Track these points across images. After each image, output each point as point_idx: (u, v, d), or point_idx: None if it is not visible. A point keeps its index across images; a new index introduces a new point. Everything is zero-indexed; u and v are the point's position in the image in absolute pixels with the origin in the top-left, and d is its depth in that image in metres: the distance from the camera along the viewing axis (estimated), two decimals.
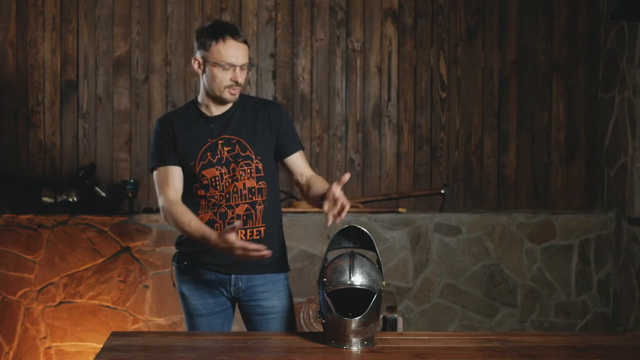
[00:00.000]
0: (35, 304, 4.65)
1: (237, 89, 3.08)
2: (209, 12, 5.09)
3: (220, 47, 3.03)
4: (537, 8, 5.25)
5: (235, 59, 3.04)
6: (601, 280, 5.02)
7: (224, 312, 3.21)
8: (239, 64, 3.05)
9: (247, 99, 3.23)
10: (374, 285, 2.73)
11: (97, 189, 4.87)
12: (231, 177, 3.09)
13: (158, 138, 3.14)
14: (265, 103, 3.27)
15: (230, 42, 3.03)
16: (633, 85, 4.79)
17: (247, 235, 3.10)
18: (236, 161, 3.09)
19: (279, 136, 3.17)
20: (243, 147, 3.10)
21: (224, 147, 3.10)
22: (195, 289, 3.18)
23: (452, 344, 2.83)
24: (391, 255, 4.86)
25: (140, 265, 4.69)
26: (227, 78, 3.05)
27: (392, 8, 5.19)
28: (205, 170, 3.09)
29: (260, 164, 3.12)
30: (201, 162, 3.09)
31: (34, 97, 5.05)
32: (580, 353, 2.72)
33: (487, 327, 4.92)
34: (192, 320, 3.21)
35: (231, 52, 3.03)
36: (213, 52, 3.04)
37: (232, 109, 3.15)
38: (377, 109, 5.20)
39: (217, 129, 3.12)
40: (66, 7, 5.04)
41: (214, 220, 3.10)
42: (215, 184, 3.09)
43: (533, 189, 5.28)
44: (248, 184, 3.10)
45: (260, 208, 3.12)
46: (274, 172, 3.19)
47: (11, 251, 4.63)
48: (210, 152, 3.09)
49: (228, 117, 3.14)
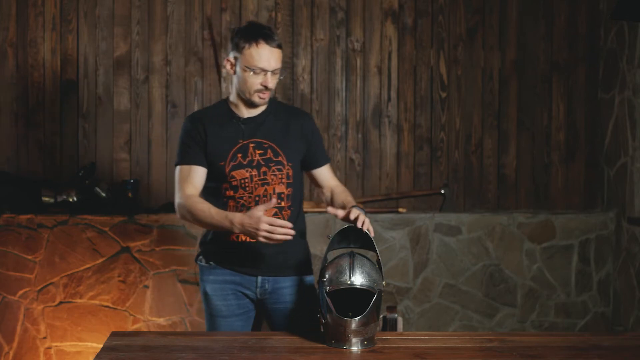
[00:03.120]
0: (35, 304, 4.65)
1: (267, 93, 3.08)
2: (209, 12, 5.09)
3: (253, 51, 3.02)
4: (537, 8, 5.25)
5: (267, 63, 3.03)
6: (601, 280, 5.02)
7: (246, 315, 3.20)
8: (271, 69, 3.04)
9: (278, 104, 3.24)
10: (374, 285, 2.73)
11: (97, 189, 4.87)
12: (261, 180, 3.09)
13: (187, 136, 3.13)
14: (298, 112, 3.29)
15: (263, 46, 3.02)
16: (633, 85, 4.79)
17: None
18: (268, 165, 3.09)
19: (310, 147, 3.20)
20: (275, 152, 3.11)
21: (255, 150, 3.10)
22: (219, 289, 3.17)
23: (452, 344, 2.83)
24: (391, 255, 4.87)
25: (140, 265, 4.69)
26: (257, 82, 3.05)
27: (392, 8, 5.19)
28: (235, 172, 3.09)
29: (291, 170, 3.13)
30: (231, 162, 3.09)
31: (34, 97, 5.05)
32: (580, 353, 2.72)
33: (487, 327, 4.92)
34: (212, 320, 3.20)
35: (263, 57, 3.02)
36: (245, 56, 3.03)
37: (264, 113, 3.15)
38: (377, 109, 5.20)
39: (248, 130, 3.11)
40: (66, 7, 5.04)
41: None
42: (245, 186, 3.09)
43: (533, 189, 5.28)
44: (278, 189, 3.11)
45: (286, 213, 3.13)
46: (300, 179, 3.21)
47: (11, 251, 4.63)
48: (240, 153, 3.09)
49: (260, 120, 3.14)
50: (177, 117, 5.09)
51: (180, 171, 3.12)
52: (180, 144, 3.15)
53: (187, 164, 3.11)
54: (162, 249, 4.70)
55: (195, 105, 5.09)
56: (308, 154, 3.21)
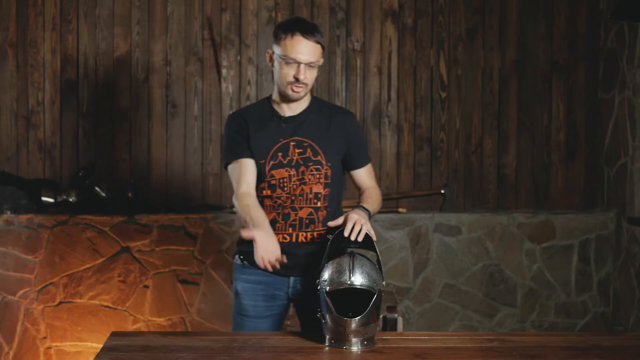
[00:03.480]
0: (35, 304, 4.65)
1: (301, 87, 3.04)
2: (209, 12, 5.09)
3: (288, 41, 3.01)
4: (537, 8, 5.25)
5: (300, 55, 3.00)
6: (601, 280, 5.02)
7: (272, 318, 3.18)
8: (304, 61, 3.01)
9: (321, 102, 3.22)
10: (374, 285, 2.73)
11: (97, 189, 4.87)
12: (299, 179, 3.08)
13: (232, 132, 3.12)
14: (341, 111, 3.27)
15: (298, 38, 3.00)
16: (633, 85, 4.79)
17: (308, 238, 3.10)
18: (306, 164, 3.08)
19: (351, 148, 3.18)
20: (315, 151, 3.09)
21: (295, 148, 3.08)
22: (250, 289, 3.16)
23: (452, 344, 2.83)
24: (391, 255, 4.86)
25: (140, 265, 4.69)
26: (290, 74, 3.02)
27: (392, 8, 5.19)
28: (275, 171, 3.08)
29: (329, 170, 3.11)
30: (272, 161, 3.07)
31: (34, 97, 5.05)
32: (580, 353, 2.72)
33: (487, 327, 4.92)
34: (239, 320, 3.19)
35: (297, 48, 3.00)
36: (281, 46, 3.02)
37: (306, 111, 3.14)
38: (377, 109, 5.20)
39: (289, 129, 3.10)
40: (66, 7, 5.04)
41: (276, 221, 3.09)
42: (283, 185, 3.08)
43: (533, 189, 5.28)
44: (315, 188, 3.09)
45: (322, 213, 3.12)
46: (339, 179, 3.18)
47: (11, 251, 4.63)
48: (281, 152, 3.08)
49: (302, 119, 3.12)
50: (177, 117, 5.09)
51: (232, 169, 3.11)
52: (227, 142, 3.14)
53: (237, 158, 3.09)
54: (162, 249, 4.70)
55: (195, 105, 5.09)
56: (348, 154, 3.18)
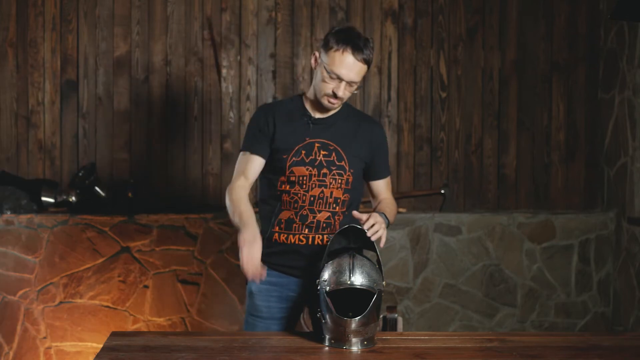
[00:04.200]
0: (35, 304, 4.65)
1: (337, 101, 3.06)
2: (209, 12, 5.09)
3: (337, 55, 3.00)
4: (537, 8, 5.25)
5: (345, 73, 3.01)
6: (601, 280, 5.02)
7: (285, 320, 3.18)
8: (347, 80, 3.02)
9: (350, 109, 3.23)
10: (374, 285, 2.73)
11: (97, 189, 4.87)
12: (320, 181, 3.08)
13: (255, 125, 3.14)
14: (369, 119, 3.28)
15: (348, 55, 3.00)
16: (633, 85, 4.79)
17: (324, 240, 3.10)
18: (329, 168, 3.08)
19: (375, 158, 3.19)
20: (339, 156, 3.10)
21: (320, 150, 3.09)
22: (264, 290, 3.16)
23: (452, 344, 2.83)
24: (391, 255, 4.87)
25: (140, 265, 4.69)
26: (330, 87, 3.03)
27: (392, 8, 5.19)
28: (296, 167, 3.08)
29: (351, 177, 3.12)
30: (294, 158, 3.08)
31: (34, 97, 5.05)
32: (580, 353, 2.72)
33: (487, 327, 4.92)
34: (251, 320, 3.19)
35: (344, 65, 3.00)
36: (329, 57, 3.02)
37: (335, 115, 3.15)
38: (377, 109, 5.19)
39: (316, 130, 3.11)
40: (66, 7, 5.04)
41: (293, 220, 3.10)
42: (302, 183, 3.08)
43: (533, 189, 5.28)
44: (335, 193, 3.10)
45: (339, 218, 3.13)
46: (360, 186, 3.20)
47: (11, 251, 4.63)
48: (305, 150, 3.08)
49: (330, 122, 3.13)
50: (177, 117, 5.09)
51: (241, 158, 3.15)
52: (248, 131, 3.17)
53: (248, 151, 3.12)
54: (162, 249, 4.70)
55: (195, 105, 5.09)
56: (371, 163, 3.20)
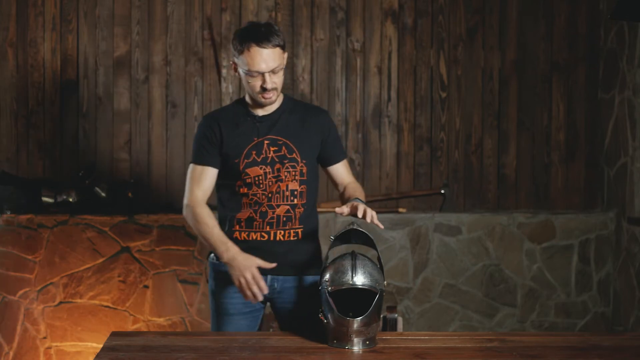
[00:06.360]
0: (35, 304, 4.65)
1: (271, 92, 3.08)
2: (209, 12, 5.09)
3: (246, 56, 3.03)
4: (537, 8, 5.25)
5: (263, 67, 3.03)
6: (601, 280, 5.02)
7: (252, 314, 3.20)
8: (267, 71, 3.04)
9: (294, 102, 3.26)
10: (376, 285, 2.73)
11: (97, 189, 4.87)
12: (275, 177, 3.10)
13: (202, 136, 3.16)
14: (315, 108, 3.32)
15: (254, 50, 3.02)
16: (633, 85, 4.79)
17: (285, 236, 3.12)
18: (282, 162, 3.10)
19: (326, 144, 3.22)
20: (290, 149, 3.12)
21: (269, 147, 3.11)
22: (228, 287, 3.16)
23: (452, 344, 2.83)
24: (391, 255, 4.87)
25: (140, 265, 4.69)
26: (257, 84, 3.06)
27: (392, 8, 5.19)
28: (250, 169, 3.10)
29: (305, 167, 3.14)
30: (245, 160, 3.10)
31: (34, 97, 5.05)
32: (580, 353, 2.72)
33: (487, 327, 4.92)
34: (218, 318, 3.20)
35: (256, 61, 3.02)
36: (242, 60, 3.05)
37: (280, 110, 3.17)
38: (377, 109, 5.20)
39: (263, 128, 3.13)
40: (66, 7, 5.04)
41: (254, 219, 3.12)
42: (259, 183, 3.10)
43: (533, 189, 5.28)
44: (291, 185, 3.12)
45: (299, 211, 3.15)
46: (315, 176, 3.22)
47: (11, 251, 4.63)
48: (255, 150, 3.10)
49: (275, 117, 3.15)
50: (177, 117, 5.09)
51: (193, 170, 3.16)
52: (195, 143, 3.18)
53: (200, 164, 3.14)
54: (162, 249, 4.70)
55: (195, 105, 5.09)
56: (324, 150, 3.22)
